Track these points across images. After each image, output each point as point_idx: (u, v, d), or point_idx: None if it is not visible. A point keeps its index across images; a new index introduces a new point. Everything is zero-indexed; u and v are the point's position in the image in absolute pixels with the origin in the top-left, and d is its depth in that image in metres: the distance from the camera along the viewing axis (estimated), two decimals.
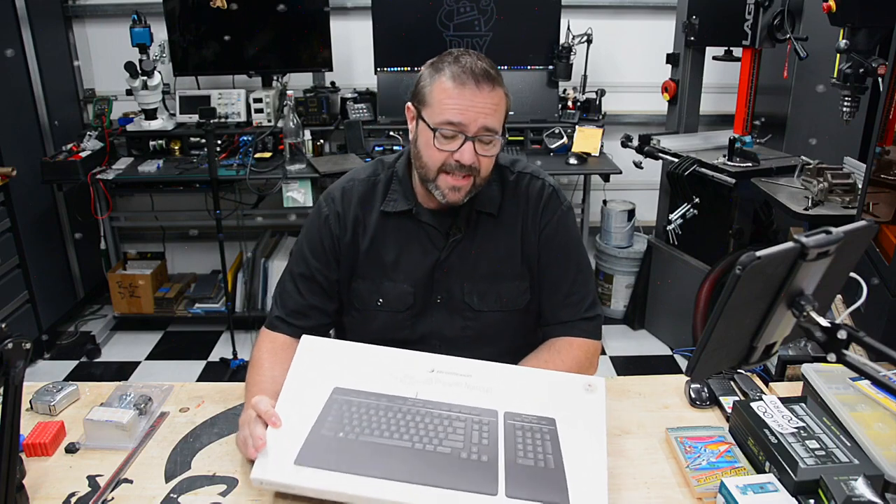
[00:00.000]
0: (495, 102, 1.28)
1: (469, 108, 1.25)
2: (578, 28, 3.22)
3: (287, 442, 1.05)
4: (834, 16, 2.03)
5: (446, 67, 1.28)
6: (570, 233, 1.44)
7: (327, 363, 1.19)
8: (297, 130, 3.03)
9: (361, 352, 1.23)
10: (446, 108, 1.26)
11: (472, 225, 1.40)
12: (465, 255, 1.40)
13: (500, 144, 1.31)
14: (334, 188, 1.45)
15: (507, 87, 1.32)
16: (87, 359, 3.26)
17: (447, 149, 1.28)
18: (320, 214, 1.43)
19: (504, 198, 1.42)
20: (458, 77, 1.26)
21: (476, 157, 1.28)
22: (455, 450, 1.05)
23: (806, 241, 0.87)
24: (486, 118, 1.26)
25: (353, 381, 1.16)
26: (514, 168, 1.45)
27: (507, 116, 1.34)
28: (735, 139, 2.70)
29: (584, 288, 1.43)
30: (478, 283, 1.41)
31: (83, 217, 3.36)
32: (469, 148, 1.27)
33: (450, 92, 1.26)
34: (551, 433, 1.09)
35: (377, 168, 1.45)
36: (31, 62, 3.09)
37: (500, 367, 1.20)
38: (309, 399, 1.12)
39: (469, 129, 1.26)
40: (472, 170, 1.29)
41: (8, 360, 0.92)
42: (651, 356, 3.25)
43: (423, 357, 1.22)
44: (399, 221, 1.40)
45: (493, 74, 1.28)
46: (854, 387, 1.16)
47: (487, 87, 1.26)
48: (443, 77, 1.27)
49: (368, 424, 1.08)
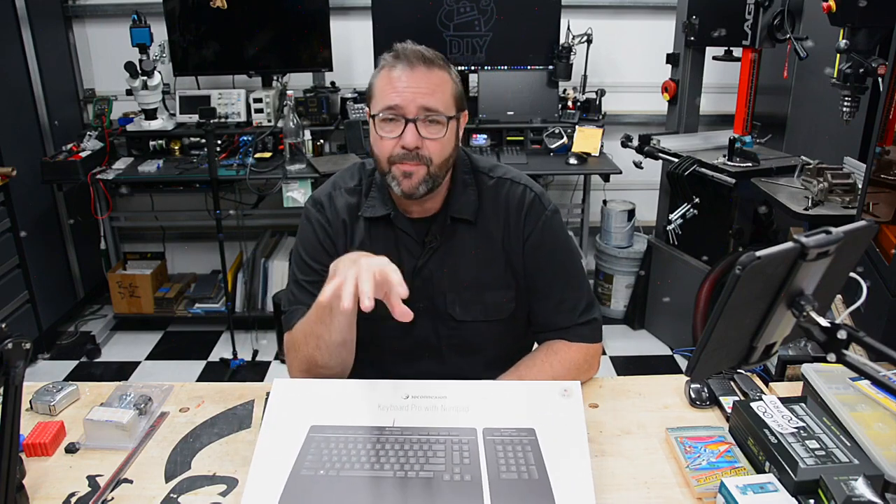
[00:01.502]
0: (434, 83, 1.26)
1: (405, 90, 1.24)
2: (578, 28, 3.22)
3: (268, 488, 1.03)
4: (834, 16, 2.03)
5: (384, 59, 1.29)
6: (557, 238, 1.40)
7: (301, 403, 1.17)
8: (297, 130, 3.04)
9: (334, 387, 1.21)
10: (384, 94, 1.26)
11: (447, 233, 1.37)
12: (443, 264, 1.37)
13: (448, 126, 1.27)
14: (321, 194, 1.42)
15: (453, 73, 1.30)
16: (87, 359, 3.27)
17: (390, 135, 1.26)
18: (311, 221, 1.40)
19: (482, 204, 1.38)
20: (391, 63, 1.27)
21: (422, 142, 1.26)
22: (437, 473, 1.04)
23: (806, 241, 0.87)
24: (424, 98, 1.24)
25: (328, 417, 1.14)
26: (492, 173, 1.41)
27: (462, 103, 1.32)
28: (735, 139, 2.70)
29: (577, 293, 1.40)
30: (461, 293, 1.38)
31: (83, 217, 3.36)
32: (411, 130, 1.24)
33: (385, 78, 1.27)
34: (532, 443, 1.09)
35: (360, 175, 1.43)
36: (31, 62, 3.09)
37: (474, 384, 1.19)
38: (286, 442, 1.10)
39: (407, 110, 1.24)
40: (420, 157, 1.26)
41: (8, 360, 0.92)
42: (651, 356, 3.25)
43: (397, 384, 1.20)
44: (381, 229, 1.38)
45: (430, 57, 1.27)
46: (854, 387, 1.16)
47: (422, 68, 1.25)
48: (382, 69, 1.28)
49: (349, 459, 1.07)
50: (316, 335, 1.27)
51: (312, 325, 1.27)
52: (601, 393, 1.34)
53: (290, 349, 1.35)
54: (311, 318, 1.28)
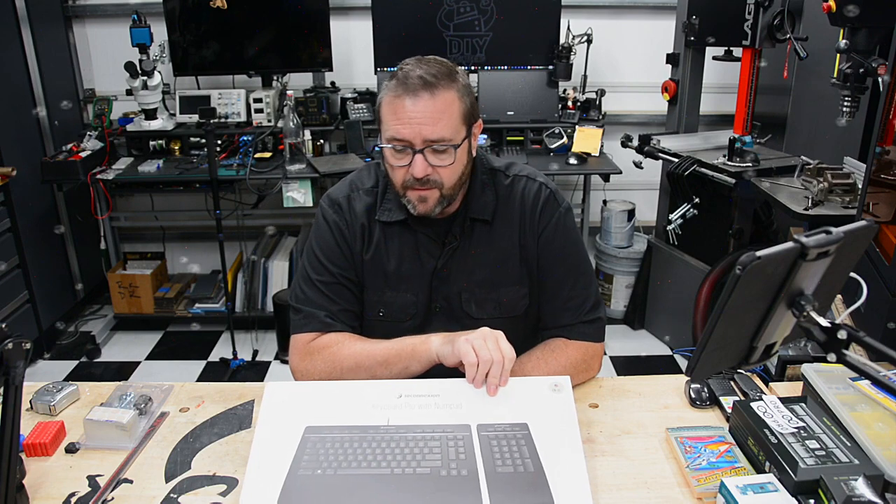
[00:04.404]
0: (438, 109, 1.23)
1: (409, 122, 1.23)
2: (578, 28, 3.22)
3: (266, 488, 1.03)
4: (834, 16, 2.03)
5: (388, 82, 1.27)
6: (569, 235, 1.42)
7: (295, 406, 1.17)
8: (297, 130, 3.03)
9: (327, 389, 1.22)
10: (390, 125, 1.26)
11: (466, 233, 1.38)
12: (461, 263, 1.39)
13: (457, 151, 1.27)
14: (338, 195, 1.42)
15: (459, 85, 1.27)
16: (87, 359, 3.27)
17: (400, 164, 1.27)
18: (328, 221, 1.40)
19: (499, 202, 1.40)
20: (395, 90, 1.25)
21: (432, 169, 1.26)
22: (434, 469, 1.05)
23: (806, 241, 0.87)
24: (429, 129, 1.23)
25: (323, 418, 1.15)
26: (508, 171, 1.43)
27: (473, 114, 1.30)
28: (735, 139, 2.70)
29: (585, 291, 1.41)
30: (475, 291, 1.39)
31: (83, 217, 3.36)
32: (420, 161, 1.25)
33: (390, 108, 1.26)
34: (526, 437, 1.10)
35: (377, 176, 1.43)
36: (31, 62, 3.09)
37: (466, 382, 1.20)
38: (282, 443, 1.10)
39: (415, 142, 1.24)
40: (430, 182, 1.27)
41: (8, 360, 0.92)
42: (651, 356, 3.25)
43: (390, 384, 1.22)
44: (399, 230, 1.39)
45: (434, 80, 1.24)
46: (854, 387, 1.16)
47: (426, 95, 1.23)
48: (386, 93, 1.27)
49: (345, 458, 1.07)
50: (375, 369, 1.30)
51: (380, 359, 1.30)
52: (601, 393, 1.34)
53: (321, 359, 1.34)
54: (379, 354, 1.30)
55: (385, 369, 1.29)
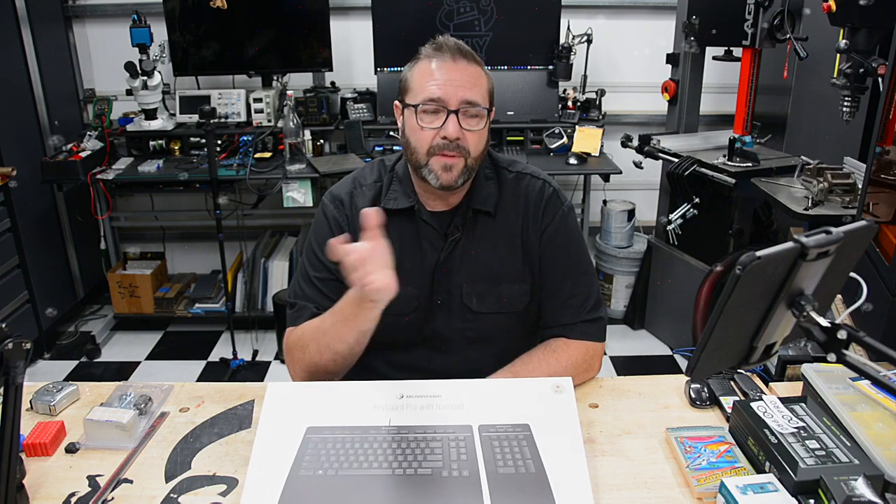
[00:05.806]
0: (474, 76, 1.30)
1: (447, 83, 1.28)
2: (578, 28, 3.22)
3: (267, 488, 1.03)
4: (834, 16, 2.03)
5: (422, 51, 1.33)
6: (571, 234, 1.43)
7: (297, 406, 1.17)
8: (297, 130, 3.04)
9: (329, 390, 1.22)
10: (426, 86, 1.29)
11: (469, 224, 1.39)
12: (464, 255, 1.39)
13: (486, 120, 1.32)
14: (341, 191, 1.43)
15: (484, 68, 1.34)
16: (87, 359, 3.27)
17: (432, 126, 1.29)
18: (327, 217, 1.41)
19: (502, 196, 1.41)
20: (433, 55, 1.31)
21: (462, 133, 1.29)
22: (436, 469, 1.05)
23: (806, 241, 0.87)
24: (466, 91, 1.28)
25: (324, 418, 1.15)
26: (512, 168, 1.45)
27: (493, 98, 1.36)
28: (735, 139, 2.70)
29: (586, 290, 1.41)
30: (477, 285, 1.40)
31: (83, 217, 3.36)
32: (453, 121, 1.28)
33: (427, 70, 1.30)
34: (527, 438, 1.10)
35: (380, 171, 1.44)
36: (31, 62, 3.09)
37: (468, 382, 1.21)
38: (283, 444, 1.10)
39: (450, 102, 1.28)
40: (460, 147, 1.29)
41: (8, 360, 0.92)
42: (651, 356, 3.25)
43: (391, 385, 1.22)
44: (401, 223, 1.39)
45: (469, 51, 1.32)
46: (854, 387, 1.16)
47: (463, 62, 1.30)
48: (420, 61, 1.32)
49: (346, 458, 1.07)
50: (320, 339, 1.28)
51: (330, 326, 1.28)
52: (601, 393, 1.34)
53: (294, 348, 1.35)
54: (318, 322, 1.30)
55: (325, 336, 1.28)
